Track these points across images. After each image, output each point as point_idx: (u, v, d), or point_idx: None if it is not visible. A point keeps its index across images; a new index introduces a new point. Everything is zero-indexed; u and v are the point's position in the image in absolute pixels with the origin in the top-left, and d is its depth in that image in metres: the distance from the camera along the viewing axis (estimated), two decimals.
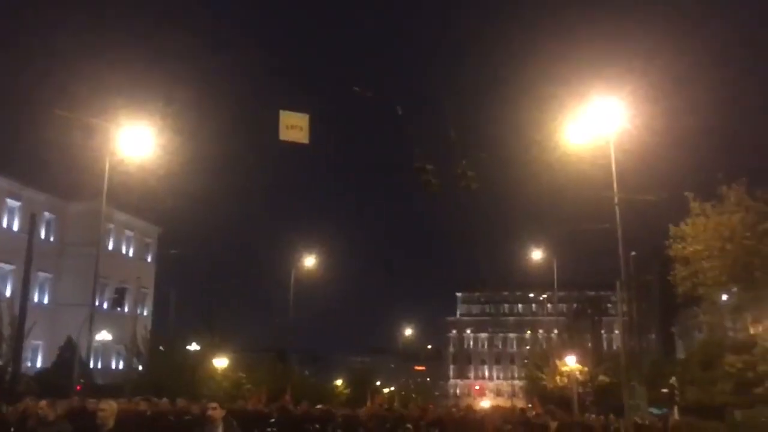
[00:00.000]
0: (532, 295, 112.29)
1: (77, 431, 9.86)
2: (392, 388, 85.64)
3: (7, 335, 31.06)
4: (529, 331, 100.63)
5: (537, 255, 45.65)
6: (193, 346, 38.75)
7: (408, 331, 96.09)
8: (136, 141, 23.78)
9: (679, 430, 24.69)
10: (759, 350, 29.50)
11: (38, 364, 46.80)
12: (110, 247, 56.02)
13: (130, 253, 60.71)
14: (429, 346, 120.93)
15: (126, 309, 47.16)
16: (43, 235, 51.84)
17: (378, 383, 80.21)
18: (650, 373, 39.13)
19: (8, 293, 43.52)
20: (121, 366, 51.78)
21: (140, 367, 37.67)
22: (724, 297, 31.09)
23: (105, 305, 44.78)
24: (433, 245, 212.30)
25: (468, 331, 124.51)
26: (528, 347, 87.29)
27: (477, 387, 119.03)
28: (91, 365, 40.65)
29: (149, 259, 63.17)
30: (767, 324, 28.88)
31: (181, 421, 11.75)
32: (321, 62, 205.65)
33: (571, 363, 40.60)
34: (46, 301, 53.44)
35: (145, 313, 57.26)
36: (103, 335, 43.48)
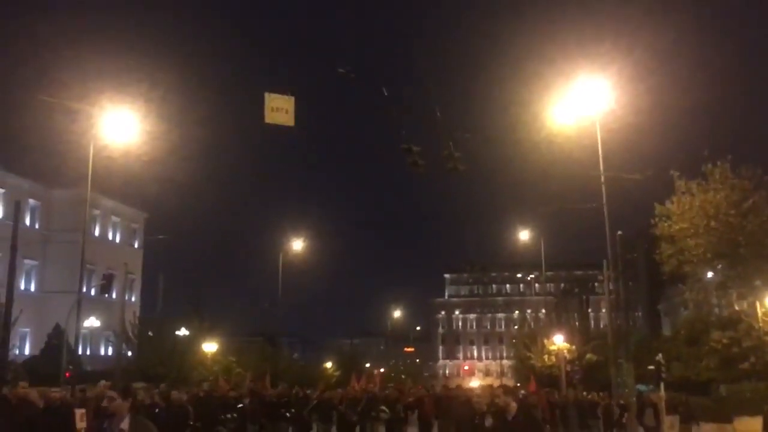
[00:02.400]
0: (520, 275, 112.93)
1: None
2: (382, 370, 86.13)
3: None
4: (517, 311, 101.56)
5: (524, 235, 45.78)
6: (182, 332, 38.70)
7: (397, 313, 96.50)
8: (120, 126, 23.51)
9: (687, 407, 24.89)
10: (744, 326, 29.88)
11: (26, 352, 46.63)
12: (96, 233, 55.73)
13: (117, 239, 60.41)
14: (418, 328, 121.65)
15: (114, 295, 47.00)
16: (28, 222, 51.45)
17: (368, 365, 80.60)
18: (637, 350, 39.51)
19: None
20: (110, 352, 51.73)
21: (129, 353, 37.60)
22: (710, 274, 31.38)
23: (92, 292, 44.62)
24: (420, 227, 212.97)
25: (456, 312, 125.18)
26: (516, 327, 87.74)
27: (466, 367, 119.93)
28: (80, 352, 40.59)
29: (136, 245, 62.86)
30: (752, 300, 29.22)
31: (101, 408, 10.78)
32: (306, 44, 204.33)
33: (558, 342, 40.92)
34: (32, 288, 53.16)
35: (133, 299, 57.11)
36: (91, 322, 43.29)
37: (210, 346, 38.48)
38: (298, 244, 47.33)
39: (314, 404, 20.79)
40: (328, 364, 65.90)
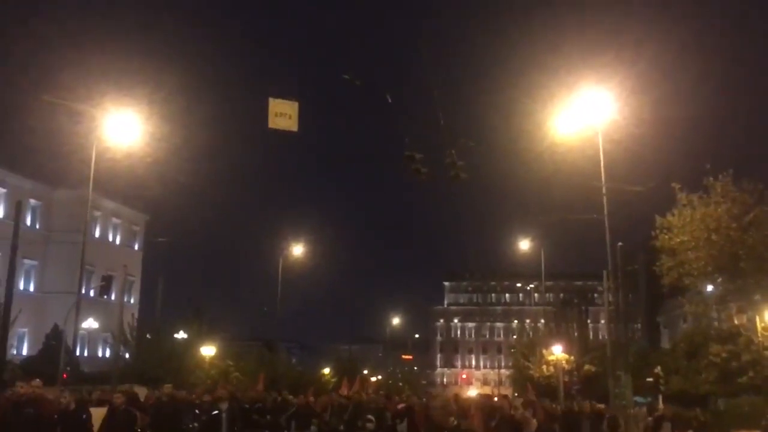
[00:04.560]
0: (519, 284, 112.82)
1: None
2: (379, 377, 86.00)
3: None
4: (516, 321, 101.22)
5: (525, 245, 45.82)
6: (181, 335, 38.66)
7: (395, 321, 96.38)
8: (123, 127, 23.57)
9: (701, 423, 24.79)
10: (743, 340, 29.82)
11: (24, 352, 46.57)
12: (97, 234, 55.77)
13: (117, 241, 60.41)
14: (417, 335, 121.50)
15: (113, 297, 47.07)
16: (29, 222, 51.47)
17: (365, 372, 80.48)
18: (636, 362, 39.43)
19: None
20: (108, 354, 51.65)
21: (127, 356, 37.57)
22: (709, 287, 31.34)
23: (91, 293, 44.67)
24: (421, 234, 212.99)
25: (455, 321, 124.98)
26: (515, 336, 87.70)
27: (464, 376, 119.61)
28: (78, 353, 40.52)
29: (136, 247, 62.86)
30: (751, 314, 29.18)
31: None
32: (310, 50, 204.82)
33: (557, 352, 40.84)
34: (32, 288, 53.12)
35: (132, 301, 57.07)
36: (90, 323, 43.30)
37: (208, 350, 38.44)
38: (298, 249, 47.37)
39: (293, 411, 19.79)
40: (326, 370, 65.81)
